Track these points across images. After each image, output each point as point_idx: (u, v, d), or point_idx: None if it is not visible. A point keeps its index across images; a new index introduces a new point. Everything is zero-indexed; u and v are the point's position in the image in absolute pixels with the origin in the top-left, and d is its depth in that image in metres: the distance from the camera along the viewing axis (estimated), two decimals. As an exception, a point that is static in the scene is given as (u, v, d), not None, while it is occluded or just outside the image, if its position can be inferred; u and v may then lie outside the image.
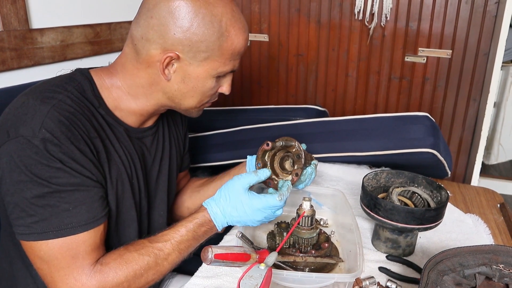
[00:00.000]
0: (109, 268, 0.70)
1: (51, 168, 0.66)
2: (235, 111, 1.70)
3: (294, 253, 0.84)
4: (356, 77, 2.06)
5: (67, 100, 0.71)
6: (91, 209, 0.71)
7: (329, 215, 1.05)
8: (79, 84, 0.76)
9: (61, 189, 0.67)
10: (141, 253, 0.73)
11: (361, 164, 1.36)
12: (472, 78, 1.87)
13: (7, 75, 1.15)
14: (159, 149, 0.93)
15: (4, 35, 1.11)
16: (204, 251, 0.67)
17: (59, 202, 0.67)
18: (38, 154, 0.65)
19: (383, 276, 0.86)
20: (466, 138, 1.97)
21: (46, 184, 0.66)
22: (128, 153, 0.82)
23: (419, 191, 0.96)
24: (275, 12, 2.09)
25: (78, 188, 0.69)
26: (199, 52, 0.75)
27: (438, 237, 1.00)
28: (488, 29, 1.78)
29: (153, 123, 0.90)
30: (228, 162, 1.39)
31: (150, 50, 0.75)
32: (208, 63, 0.77)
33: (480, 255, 0.70)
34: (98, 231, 0.72)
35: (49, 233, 0.67)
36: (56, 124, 0.67)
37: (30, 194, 0.66)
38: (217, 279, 0.84)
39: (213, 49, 0.75)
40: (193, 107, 0.84)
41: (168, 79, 0.77)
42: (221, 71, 0.79)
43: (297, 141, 0.90)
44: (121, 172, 0.80)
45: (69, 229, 0.68)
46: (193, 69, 0.77)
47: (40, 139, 0.65)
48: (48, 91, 0.72)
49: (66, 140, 0.67)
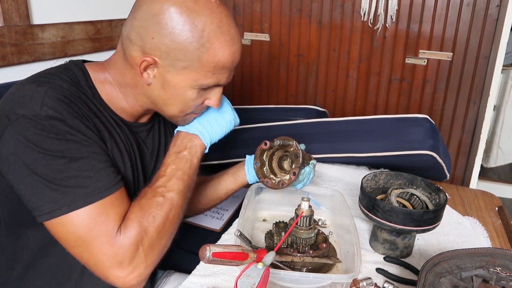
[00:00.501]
0: (131, 221, 0.69)
1: (60, 141, 0.65)
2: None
3: (292, 253, 0.84)
4: (356, 78, 2.06)
5: (63, 84, 0.71)
6: (109, 173, 0.70)
7: (328, 216, 1.05)
8: (73, 74, 0.75)
9: (76, 156, 0.66)
10: (148, 197, 0.73)
11: (360, 165, 1.36)
12: (472, 81, 1.87)
13: (8, 71, 1.15)
14: (155, 145, 0.92)
15: (4, 30, 1.11)
16: (202, 250, 0.67)
17: (79, 171, 0.66)
18: (44, 130, 0.64)
19: (381, 277, 0.86)
20: (465, 141, 1.97)
21: (61, 155, 0.65)
22: (128, 139, 0.82)
23: (417, 193, 0.97)
24: (276, 11, 2.09)
25: (91, 155, 0.68)
26: (177, 60, 0.72)
27: (436, 239, 1.00)
28: (489, 32, 1.78)
29: (148, 120, 0.90)
30: (227, 161, 1.39)
31: (132, 52, 0.74)
32: (187, 73, 0.74)
33: (477, 257, 0.70)
34: (122, 193, 0.72)
35: (78, 202, 0.65)
36: (56, 101, 0.67)
37: (47, 169, 0.64)
38: (215, 278, 0.84)
39: (191, 59, 0.72)
40: (175, 115, 0.81)
41: (147, 83, 0.76)
42: (203, 84, 0.76)
43: (295, 140, 0.90)
44: (123, 153, 0.79)
45: (96, 194, 0.67)
46: (172, 77, 0.74)
47: (43, 116, 0.65)
48: (43, 77, 0.72)
49: (69, 115, 0.67)
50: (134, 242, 0.67)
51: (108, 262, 0.66)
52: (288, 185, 0.90)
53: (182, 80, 0.74)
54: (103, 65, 0.81)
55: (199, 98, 0.79)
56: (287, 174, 0.90)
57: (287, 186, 0.90)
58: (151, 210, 0.71)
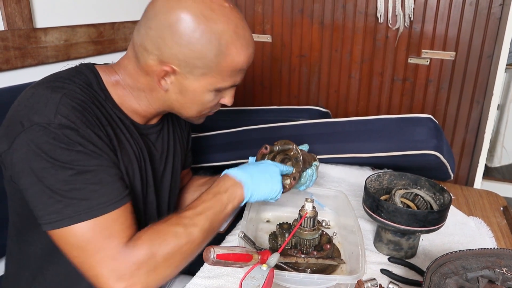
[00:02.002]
0: (142, 241, 0.69)
1: (71, 152, 0.65)
2: (237, 111, 1.70)
3: (296, 254, 0.84)
4: (359, 78, 2.06)
5: (77, 89, 0.71)
6: (116, 187, 0.70)
7: (331, 217, 1.05)
8: (86, 77, 0.76)
9: (85, 169, 0.66)
10: (169, 224, 0.72)
11: (363, 165, 1.36)
12: (475, 80, 1.87)
13: (11, 74, 1.16)
14: (164, 147, 0.93)
15: (8, 34, 1.12)
16: (206, 251, 0.66)
17: (85, 184, 0.66)
18: (56, 139, 0.65)
19: (385, 278, 0.85)
20: (469, 141, 1.96)
21: (69, 167, 0.65)
22: (138, 145, 0.82)
23: (421, 193, 0.96)
24: (278, 12, 2.10)
25: (100, 169, 0.68)
26: (196, 68, 0.73)
27: (440, 240, 1.00)
28: (492, 31, 1.78)
29: (158, 121, 0.90)
30: (230, 162, 1.39)
31: (148, 60, 0.74)
32: (205, 79, 0.75)
33: (483, 258, 0.70)
34: (127, 208, 0.71)
35: (81, 214, 0.65)
36: (70, 110, 0.67)
37: (54, 180, 0.65)
38: (219, 280, 0.84)
39: (210, 67, 0.73)
40: (193, 116, 0.84)
41: (165, 89, 0.77)
42: (220, 87, 0.78)
43: (295, 144, 0.90)
44: (132, 161, 0.79)
45: (100, 208, 0.67)
46: (190, 83, 0.75)
47: (57, 124, 0.65)
48: (57, 82, 0.72)
49: (82, 124, 0.67)
50: (138, 261, 0.67)
51: (108, 275, 0.66)
52: (288, 189, 0.89)
53: (200, 86, 0.76)
54: (113, 68, 0.81)
55: (215, 99, 0.81)
56: (288, 178, 0.89)
57: (287, 190, 0.89)
58: (166, 237, 0.71)
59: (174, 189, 1.00)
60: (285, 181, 0.89)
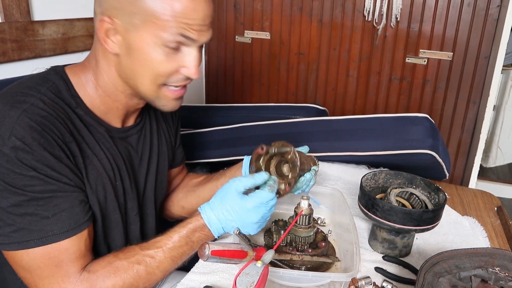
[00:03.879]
0: (96, 277, 0.68)
1: (24, 177, 0.63)
2: (235, 108, 1.70)
3: (291, 251, 0.84)
4: (356, 77, 2.06)
5: (39, 103, 0.67)
6: (72, 215, 0.67)
7: (327, 214, 1.06)
8: (53, 84, 0.72)
9: (37, 196, 0.64)
10: (131, 261, 0.71)
11: (359, 164, 1.37)
12: (472, 80, 1.87)
13: (8, 67, 1.15)
14: (146, 147, 0.89)
15: (5, 26, 1.11)
16: (201, 247, 0.67)
17: (38, 210, 0.64)
18: (10, 163, 0.62)
19: (379, 276, 0.86)
20: (465, 141, 1.97)
21: (22, 192, 0.63)
22: (110, 155, 0.78)
23: (417, 192, 0.97)
24: (277, 10, 2.09)
25: (55, 195, 0.65)
26: (133, 14, 0.67)
27: (434, 239, 1.00)
28: (489, 32, 1.78)
29: (136, 121, 0.86)
30: (227, 159, 1.39)
31: (96, 22, 0.71)
32: (147, 28, 0.68)
33: (476, 257, 0.70)
34: (82, 237, 0.69)
35: (30, 241, 0.64)
36: (26, 130, 0.63)
37: (6, 203, 0.63)
38: (214, 276, 0.84)
39: (146, 10, 0.66)
40: (150, 89, 0.74)
41: (113, 51, 0.71)
42: (166, 38, 0.68)
43: (293, 146, 0.83)
44: (101, 175, 0.76)
45: (50, 236, 0.65)
46: (133, 36, 0.69)
47: (10, 147, 0.62)
48: (19, 94, 0.67)
49: (38, 146, 0.63)
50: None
51: None
52: (283, 195, 0.84)
53: (144, 39, 0.69)
54: (84, 64, 0.78)
55: (169, 62, 0.72)
56: (283, 183, 0.83)
57: (282, 196, 0.84)
58: (124, 275, 0.69)
59: (160, 190, 0.96)
60: (280, 186, 0.83)
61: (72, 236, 0.67)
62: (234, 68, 2.29)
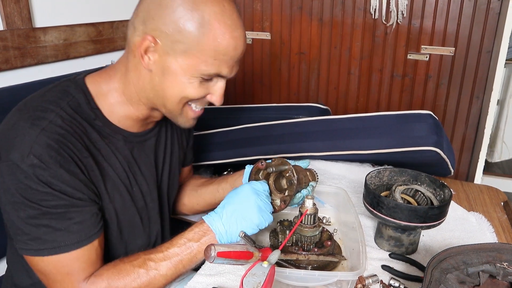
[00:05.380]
0: (102, 280, 0.72)
1: (40, 192, 0.67)
2: (237, 109, 1.70)
3: (297, 251, 0.84)
4: (358, 75, 2.05)
5: (58, 120, 0.71)
6: (83, 227, 0.72)
7: (332, 213, 1.05)
8: (73, 98, 0.75)
9: (51, 211, 0.69)
10: (133, 265, 0.74)
11: (363, 162, 1.36)
12: (475, 75, 1.86)
13: (11, 74, 1.16)
14: (161, 149, 0.93)
15: (7, 34, 1.12)
16: (207, 249, 0.67)
17: (51, 223, 0.69)
18: (27, 179, 0.67)
19: (386, 274, 0.86)
20: (469, 136, 1.96)
21: (37, 206, 0.68)
22: (126, 163, 0.82)
23: (422, 189, 0.96)
24: (277, 10, 2.09)
25: (68, 210, 0.70)
26: (177, 42, 0.71)
27: (441, 235, 1.00)
28: (491, 27, 1.77)
29: (154, 125, 0.90)
30: (230, 160, 1.39)
31: (134, 37, 0.74)
32: (187, 58, 0.72)
33: (483, 253, 0.70)
34: (93, 247, 0.74)
35: (44, 250, 0.69)
36: (44, 148, 0.67)
37: (23, 215, 0.68)
38: (220, 277, 0.84)
39: (191, 42, 0.70)
40: (175, 109, 0.79)
41: (148, 68, 0.74)
42: (204, 71, 0.73)
43: (291, 164, 0.86)
44: (117, 185, 0.80)
45: (62, 247, 0.70)
46: (172, 61, 0.72)
47: (28, 164, 0.66)
48: (39, 110, 0.71)
49: (54, 164, 0.68)
50: None
51: None
52: (278, 211, 0.86)
53: (182, 66, 0.72)
54: (108, 73, 0.81)
55: (200, 89, 0.76)
56: (278, 199, 0.86)
57: (277, 212, 0.87)
58: (126, 278, 0.73)
59: (173, 189, 1.00)
60: (275, 201, 0.86)
61: (83, 247, 0.72)
62: (235, 69, 2.29)
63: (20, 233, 0.69)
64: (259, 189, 0.80)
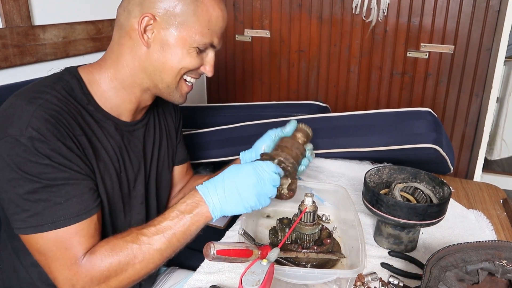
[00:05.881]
0: (95, 256, 0.72)
1: (40, 165, 0.68)
2: (237, 107, 1.70)
3: (296, 249, 0.84)
4: (358, 72, 2.05)
5: (54, 99, 0.73)
6: (82, 201, 0.72)
7: (331, 211, 1.05)
8: (67, 83, 0.78)
9: (51, 183, 0.69)
10: (126, 240, 0.73)
11: (363, 160, 1.36)
12: (474, 73, 1.86)
13: (10, 72, 1.16)
14: (150, 140, 0.94)
15: (6, 31, 1.12)
16: (206, 247, 0.67)
17: (51, 196, 0.69)
18: (27, 152, 0.67)
19: (385, 272, 0.86)
20: (468, 134, 1.96)
21: (37, 180, 0.68)
22: (117, 147, 0.84)
23: (421, 186, 0.96)
24: (276, 8, 2.09)
25: (67, 182, 0.71)
26: (174, 16, 0.76)
27: (440, 233, 1.00)
28: (490, 24, 1.77)
29: (143, 115, 0.91)
30: (230, 158, 1.39)
31: (131, 19, 0.78)
32: (184, 29, 0.77)
33: (483, 250, 0.70)
34: (91, 221, 0.74)
35: (44, 225, 0.69)
36: (42, 122, 0.69)
37: (22, 190, 0.68)
38: (220, 275, 0.84)
39: (187, 14, 0.77)
40: (172, 82, 0.82)
41: (147, 45, 0.78)
42: (200, 41, 0.79)
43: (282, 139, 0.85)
44: (108, 166, 0.81)
45: (62, 221, 0.70)
46: (170, 35, 0.78)
47: (27, 137, 0.67)
48: (35, 92, 0.73)
49: (52, 137, 0.69)
50: (90, 274, 0.71)
51: (63, 282, 0.71)
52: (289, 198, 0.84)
53: (180, 38, 0.78)
54: (99, 63, 0.83)
55: (196, 59, 0.81)
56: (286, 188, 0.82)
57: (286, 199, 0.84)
58: (120, 253, 0.72)
59: (162, 182, 1.00)
60: (283, 191, 0.83)
61: (82, 221, 0.72)
62: (235, 67, 2.29)
63: (18, 211, 0.69)
64: (263, 169, 0.77)
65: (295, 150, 0.86)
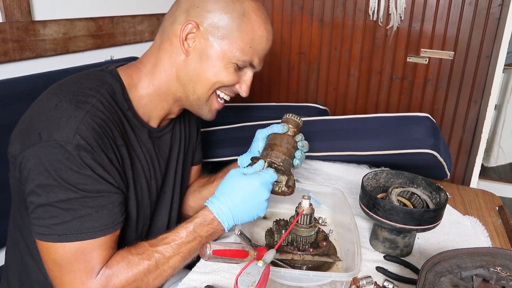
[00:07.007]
0: (112, 272, 0.70)
1: (80, 175, 0.66)
2: (236, 108, 1.70)
3: (292, 251, 0.84)
4: (357, 76, 2.06)
5: (100, 106, 0.72)
6: (111, 214, 0.71)
7: (328, 214, 1.06)
8: (110, 87, 0.76)
9: (87, 195, 0.68)
10: (142, 257, 0.73)
11: (361, 163, 1.36)
12: (473, 80, 1.87)
13: (9, 67, 1.15)
14: (176, 146, 0.94)
15: (6, 26, 1.11)
16: (202, 247, 0.67)
17: (83, 207, 0.68)
18: (70, 160, 0.65)
19: (381, 276, 0.86)
20: (466, 140, 1.97)
21: (74, 190, 0.66)
22: (149, 156, 0.84)
23: (418, 192, 0.97)
24: (278, 9, 2.09)
25: (102, 195, 0.69)
26: (218, 28, 0.76)
27: (436, 238, 1.00)
28: (491, 32, 1.78)
29: (169, 121, 0.91)
30: (229, 158, 1.39)
31: (175, 25, 0.78)
32: (226, 43, 0.77)
33: (477, 257, 0.70)
34: (114, 235, 0.73)
35: (70, 235, 0.67)
36: (90, 131, 0.67)
37: (55, 198, 0.66)
38: (215, 275, 0.84)
39: (231, 28, 0.76)
40: (204, 95, 0.81)
41: (186, 53, 0.78)
42: (239, 58, 0.78)
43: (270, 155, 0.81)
44: (140, 176, 0.81)
45: (90, 232, 0.68)
46: (211, 46, 0.77)
47: (74, 145, 0.65)
48: (81, 95, 0.71)
49: (97, 147, 0.68)
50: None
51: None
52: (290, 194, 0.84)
53: (220, 51, 0.77)
54: (137, 66, 0.83)
55: (233, 76, 0.81)
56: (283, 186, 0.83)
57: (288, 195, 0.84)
58: (136, 271, 0.71)
59: (184, 185, 1.01)
60: (282, 189, 0.83)
61: (108, 234, 0.71)
62: (235, 67, 2.29)
63: (45, 217, 0.66)
64: (268, 181, 0.78)
65: (285, 145, 0.84)
